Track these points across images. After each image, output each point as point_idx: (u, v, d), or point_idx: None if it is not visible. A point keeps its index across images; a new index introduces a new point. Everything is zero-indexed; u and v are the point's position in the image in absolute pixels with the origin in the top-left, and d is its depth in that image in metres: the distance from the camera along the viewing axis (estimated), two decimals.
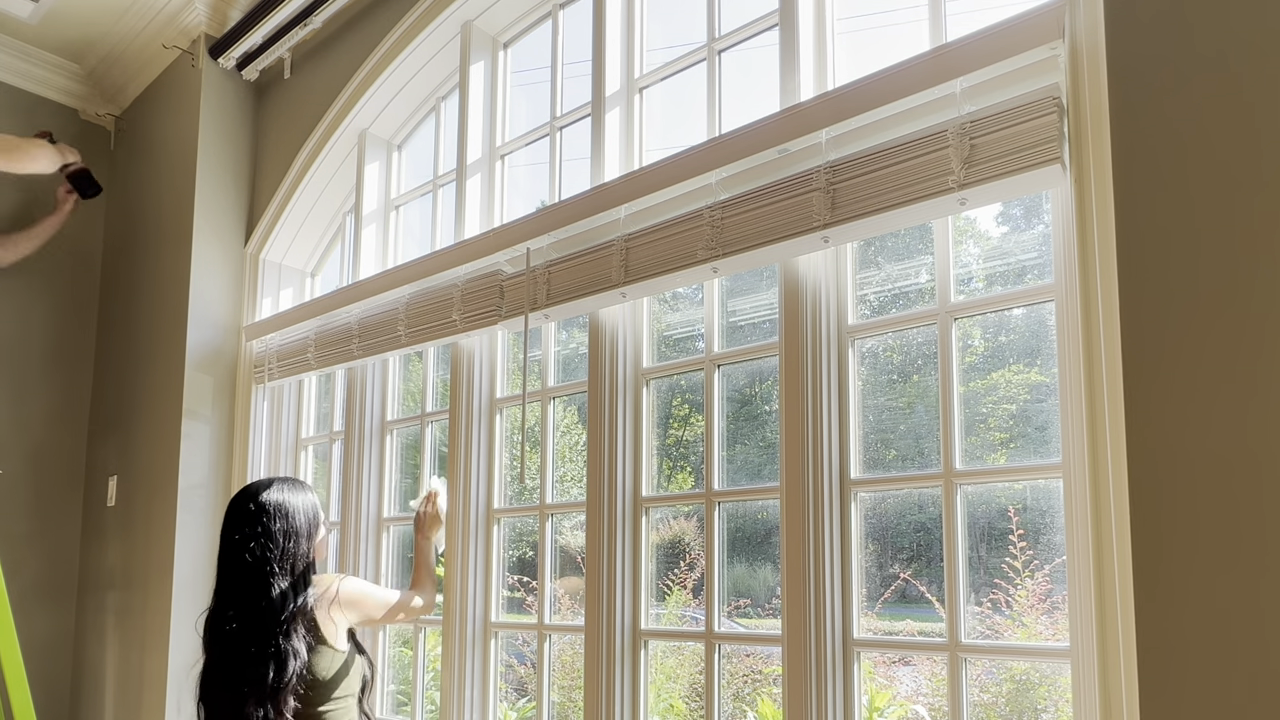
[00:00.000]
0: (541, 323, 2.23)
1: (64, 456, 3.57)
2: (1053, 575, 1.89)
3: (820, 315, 1.79)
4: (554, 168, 2.48)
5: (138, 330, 3.38)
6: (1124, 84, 1.31)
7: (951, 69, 1.55)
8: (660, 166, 1.98)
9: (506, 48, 2.71)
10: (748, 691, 2.77)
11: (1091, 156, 1.38)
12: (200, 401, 3.09)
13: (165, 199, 3.31)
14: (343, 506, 2.83)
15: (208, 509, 3.08)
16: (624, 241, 2.02)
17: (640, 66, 2.29)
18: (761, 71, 2.00)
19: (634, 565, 2.06)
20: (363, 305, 2.73)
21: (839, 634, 1.72)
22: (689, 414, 2.33)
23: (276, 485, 1.98)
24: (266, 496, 1.94)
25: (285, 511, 1.94)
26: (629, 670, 2.04)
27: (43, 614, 3.45)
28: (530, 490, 2.42)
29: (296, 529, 1.94)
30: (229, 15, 3.17)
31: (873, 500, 1.83)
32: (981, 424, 1.77)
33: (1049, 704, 2.20)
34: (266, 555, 1.88)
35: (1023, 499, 1.75)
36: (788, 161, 1.79)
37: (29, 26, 3.36)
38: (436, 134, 2.88)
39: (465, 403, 2.47)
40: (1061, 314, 1.49)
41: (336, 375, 3.04)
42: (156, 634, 3.02)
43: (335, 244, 3.29)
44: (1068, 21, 1.43)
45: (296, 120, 3.14)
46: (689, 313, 2.27)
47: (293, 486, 2.00)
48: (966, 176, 1.51)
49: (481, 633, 2.38)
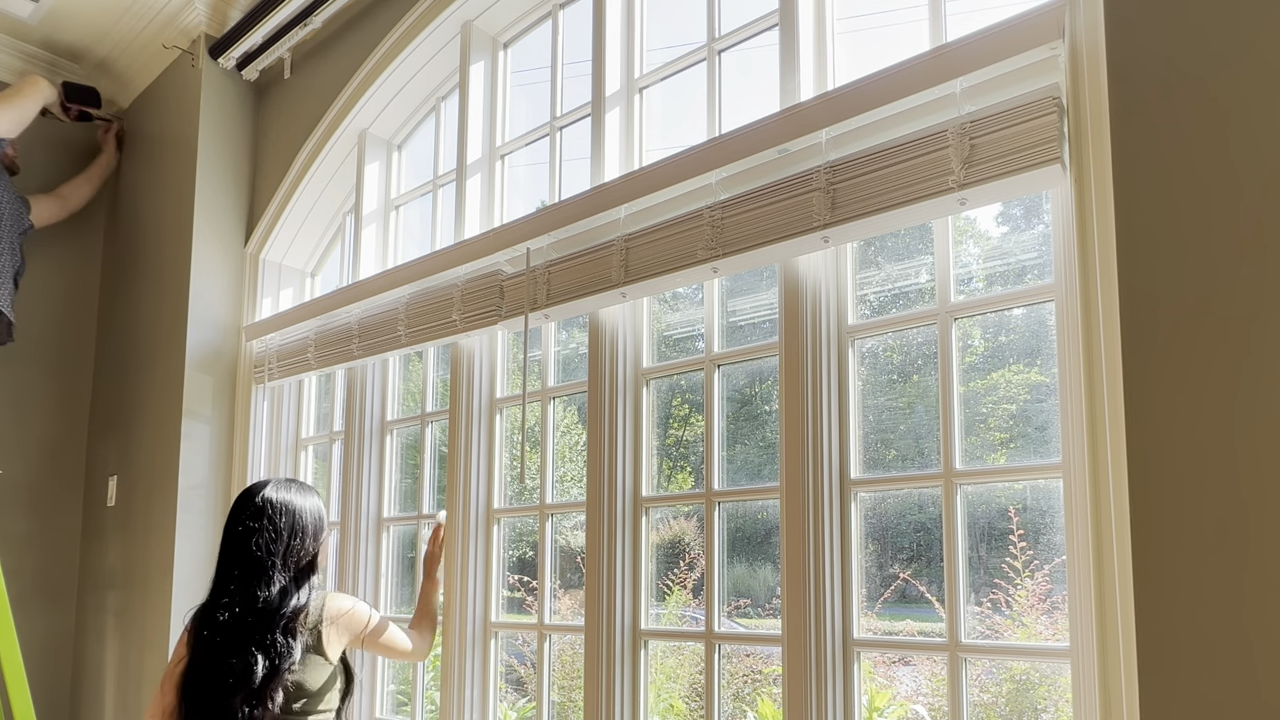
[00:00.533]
0: (541, 323, 2.23)
1: (64, 456, 3.57)
2: (1053, 575, 1.89)
3: (820, 315, 1.79)
4: (554, 168, 2.48)
5: (138, 330, 3.38)
6: (1124, 84, 1.31)
7: (951, 69, 1.55)
8: (660, 166, 1.98)
9: (506, 48, 2.71)
10: (748, 691, 2.77)
11: (1091, 156, 1.38)
12: (200, 401, 3.09)
13: (165, 199, 3.31)
14: (343, 506, 2.84)
15: (208, 509, 3.08)
16: (624, 241, 2.02)
17: (640, 66, 2.29)
18: (761, 71, 2.00)
19: (634, 565, 2.06)
20: (363, 305, 2.73)
21: (839, 634, 1.72)
22: (689, 414, 2.33)
23: (284, 484, 2.00)
24: (275, 493, 1.96)
25: (293, 509, 1.95)
26: (629, 670, 2.04)
27: (43, 614, 3.45)
28: (530, 490, 2.42)
29: (303, 526, 1.95)
30: (229, 15, 3.17)
31: (873, 500, 1.83)
32: (981, 424, 1.77)
33: (1049, 704, 2.20)
34: (271, 549, 1.89)
35: (1023, 499, 1.75)
36: (788, 161, 1.79)
37: (29, 26, 3.36)
38: (436, 134, 2.88)
39: (465, 403, 2.47)
40: (1061, 314, 1.49)
41: (336, 375, 3.04)
42: (156, 634, 3.02)
43: (335, 244, 3.29)
44: (1068, 21, 1.43)
45: (296, 120, 3.14)
46: (689, 313, 2.27)
47: (300, 487, 2.02)
48: (966, 176, 1.51)
49: (481, 633, 2.38)
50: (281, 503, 1.94)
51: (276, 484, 1.99)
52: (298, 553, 1.93)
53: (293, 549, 1.93)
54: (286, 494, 1.97)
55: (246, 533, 1.90)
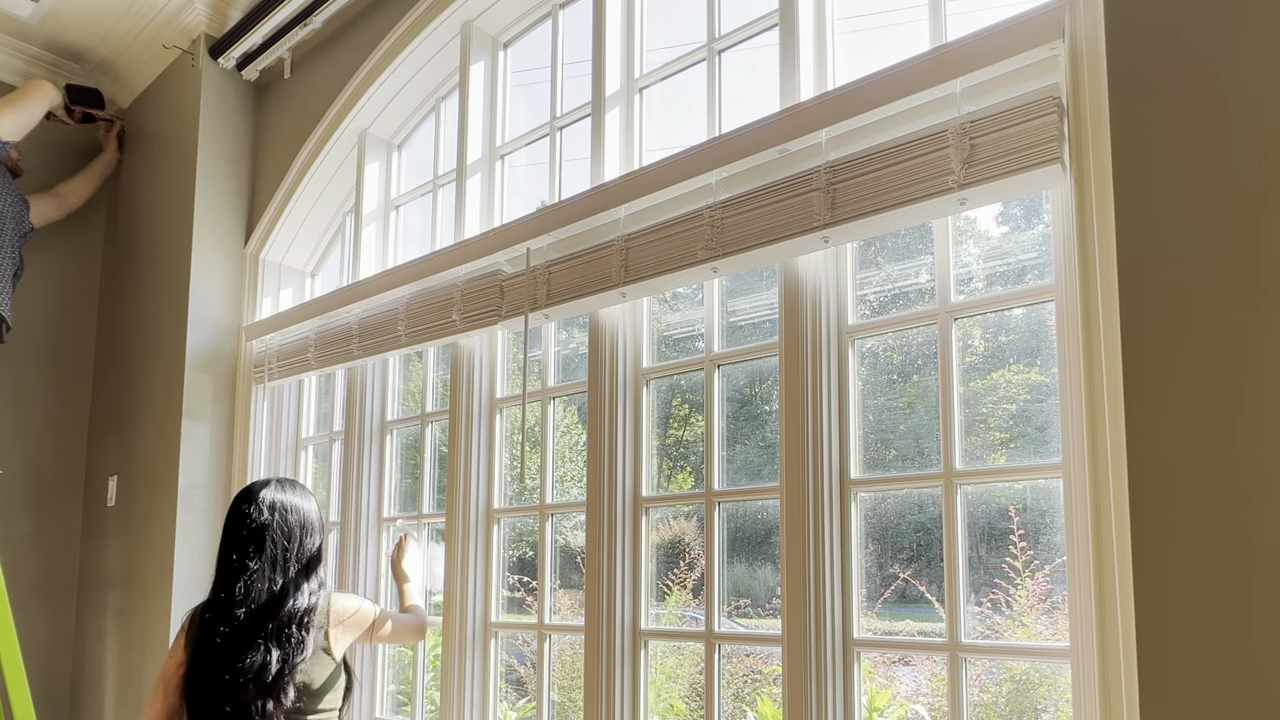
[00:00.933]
0: (541, 323, 2.23)
1: (64, 456, 3.57)
2: (1053, 575, 1.89)
3: (820, 315, 1.79)
4: (554, 168, 2.48)
5: (138, 330, 3.38)
6: (1124, 84, 1.31)
7: (951, 69, 1.55)
8: (660, 166, 1.98)
9: (506, 48, 2.71)
10: (748, 691, 2.77)
11: (1091, 156, 1.38)
12: (200, 401, 3.09)
13: (165, 199, 3.31)
14: (343, 506, 2.84)
15: (208, 509, 3.08)
16: (624, 241, 2.02)
17: (640, 66, 2.29)
18: (761, 71, 2.00)
19: (634, 565, 2.06)
20: (363, 305, 2.73)
21: (839, 634, 1.72)
22: (689, 414, 2.33)
23: (286, 483, 2.03)
24: (278, 493, 1.99)
25: (298, 507, 1.99)
26: (629, 670, 2.04)
27: (43, 614, 3.45)
28: (530, 490, 2.42)
29: (309, 524, 1.99)
30: (229, 15, 3.17)
31: (873, 500, 1.83)
32: (981, 424, 1.77)
33: (1049, 704, 2.20)
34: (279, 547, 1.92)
35: (1023, 499, 1.75)
36: (788, 161, 1.79)
37: (29, 26, 3.36)
38: (436, 134, 2.88)
39: (465, 403, 2.47)
40: (1061, 314, 1.49)
41: (336, 375, 3.04)
42: (156, 634, 3.02)
43: (335, 244, 3.30)
44: (1068, 21, 1.43)
45: (296, 120, 3.14)
46: (689, 313, 2.27)
47: (300, 488, 2.05)
48: (966, 176, 1.51)
49: (481, 633, 2.38)
50: (285, 502, 1.97)
51: (278, 484, 2.02)
52: (304, 550, 1.96)
53: (302, 546, 1.95)
54: (288, 494, 2.00)
55: (253, 532, 1.92)
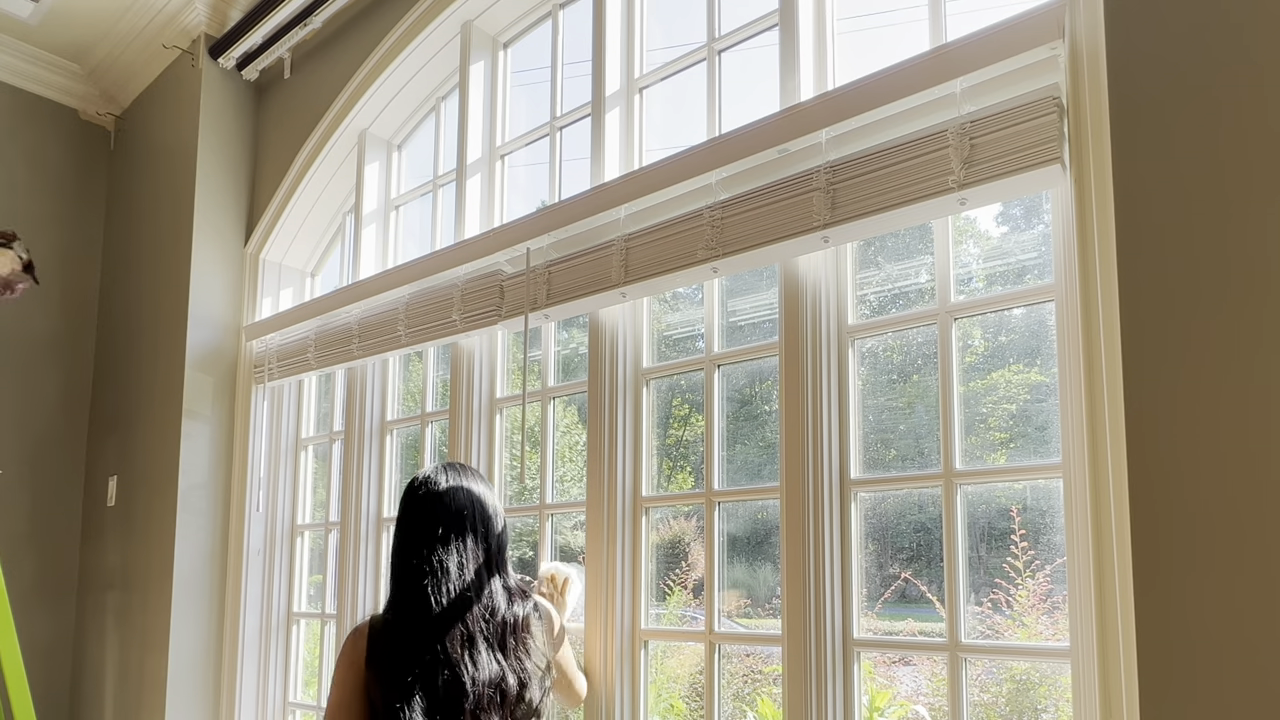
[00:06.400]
0: (541, 323, 2.23)
1: (64, 456, 3.57)
2: (1053, 575, 1.89)
3: (820, 315, 1.79)
4: (554, 168, 2.48)
5: (138, 330, 3.38)
6: (1124, 84, 1.31)
7: (951, 69, 1.55)
8: (660, 166, 1.98)
9: (506, 48, 2.71)
10: (748, 691, 2.77)
11: (1091, 156, 1.38)
12: (200, 401, 3.09)
13: (165, 199, 3.31)
14: (343, 506, 2.83)
15: (208, 509, 3.08)
16: (624, 241, 2.02)
17: (640, 66, 2.29)
18: (761, 71, 2.00)
19: (634, 565, 2.06)
20: (363, 305, 2.73)
21: (839, 634, 1.72)
22: (689, 414, 2.33)
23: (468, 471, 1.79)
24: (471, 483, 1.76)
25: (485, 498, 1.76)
26: (629, 670, 2.04)
27: (43, 614, 3.45)
28: (530, 490, 2.42)
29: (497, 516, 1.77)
30: (229, 15, 3.17)
31: (873, 500, 1.83)
32: (981, 424, 1.77)
33: (1049, 704, 2.20)
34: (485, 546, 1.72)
35: (1023, 499, 1.75)
36: (788, 161, 1.79)
37: (29, 26, 3.36)
38: (436, 134, 2.88)
39: (465, 403, 2.47)
40: (1061, 314, 1.49)
41: (336, 375, 3.04)
42: (156, 634, 3.02)
43: (335, 244, 3.30)
44: (1068, 21, 1.43)
45: (296, 120, 3.14)
46: (689, 313, 2.27)
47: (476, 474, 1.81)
48: (966, 176, 1.51)
49: None
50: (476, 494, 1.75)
51: (461, 472, 1.77)
52: (501, 548, 1.75)
53: (501, 545, 1.75)
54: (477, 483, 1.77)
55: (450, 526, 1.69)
